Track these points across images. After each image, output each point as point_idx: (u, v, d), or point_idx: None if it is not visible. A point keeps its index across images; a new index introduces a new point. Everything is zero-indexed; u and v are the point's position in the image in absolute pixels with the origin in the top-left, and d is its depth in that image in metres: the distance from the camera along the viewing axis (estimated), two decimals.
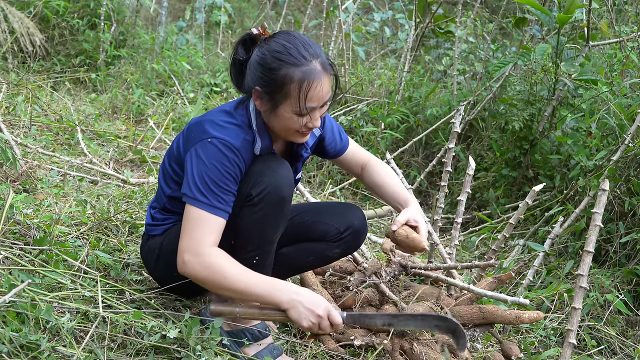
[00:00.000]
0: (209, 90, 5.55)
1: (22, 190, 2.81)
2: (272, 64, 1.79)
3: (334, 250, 2.14)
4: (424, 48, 5.71)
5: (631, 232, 2.80)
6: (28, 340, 1.67)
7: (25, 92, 4.22)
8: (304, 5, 8.78)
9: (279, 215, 1.87)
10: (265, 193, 1.82)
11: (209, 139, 1.82)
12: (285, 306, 1.77)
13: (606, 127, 3.23)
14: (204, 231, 1.79)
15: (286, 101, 1.81)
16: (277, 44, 1.81)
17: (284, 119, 1.84)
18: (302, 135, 1.91)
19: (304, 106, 1.80)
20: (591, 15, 3.47)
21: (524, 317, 2.28)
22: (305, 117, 1.83)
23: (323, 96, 1.83)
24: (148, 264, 2.09)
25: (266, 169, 1.85)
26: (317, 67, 1.80)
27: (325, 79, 1.82)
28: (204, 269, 1.77)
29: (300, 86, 1.78)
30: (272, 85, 1.80)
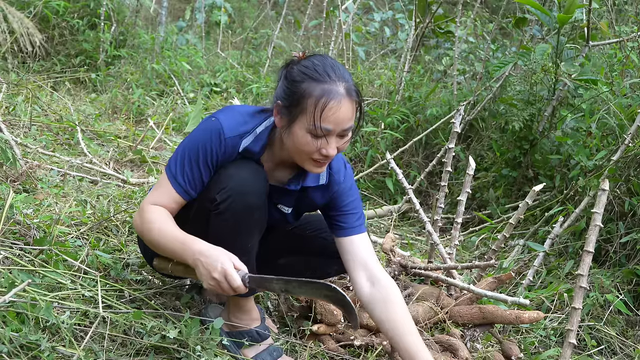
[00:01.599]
0: (209, 90, 5.55)
1: (22, 190, 2.81)
2: (296, 77, 1.76)
3: (331, 267, 2.12)
4: (424, 48, 5.71)
5: (631, 232, 2.80)
6: (28, 340, 1.67)
7: (25, 92, 4.22)
8: (304, 5, 8.78)
9: (249, 223, 1.82)
10: (230, 201, 1.79)
11: (214, 118, 1.85)
12: (191, 265, 1.74)
13: (606, 127, 3.23)
14: (157, 193, 1.85)
15: (302, 117, 1.74)
16: (308, 62, 1.78)
17: (297, 138, 1.77)
18: (316, 164, 1.80)
19: (318, 125, 1.71)
20: (591, 15, 3.47)
21: (524, 317, 2.28)
22: (320, 141, 1.74)
23: (341, 120, 1.74)
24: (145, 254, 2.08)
25: (234, 175, 1.81)
26: (339, 88, 1.73)
27: (347, 103, 1.74)
28: (140, 222, 1.83)
29: (317, 102, 1.71)
30: (291, 97, 1.76)
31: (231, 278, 1.67)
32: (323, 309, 2.19)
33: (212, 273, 1.68)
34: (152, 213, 1.81)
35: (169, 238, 1.77)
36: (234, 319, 2.00)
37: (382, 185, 4.14)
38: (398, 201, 3.98)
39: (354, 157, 4.28)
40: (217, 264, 1.68)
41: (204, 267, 1.69)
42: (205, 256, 1.70)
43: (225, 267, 1.67)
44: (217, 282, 1.68)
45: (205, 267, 1.69)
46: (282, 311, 2.32)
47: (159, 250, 1.83)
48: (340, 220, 1.97)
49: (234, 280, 1.67)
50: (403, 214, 3.87)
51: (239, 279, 1.68)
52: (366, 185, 4.10)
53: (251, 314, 2.00)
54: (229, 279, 1.67)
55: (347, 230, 1.96)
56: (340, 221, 1.97)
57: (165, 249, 1.79)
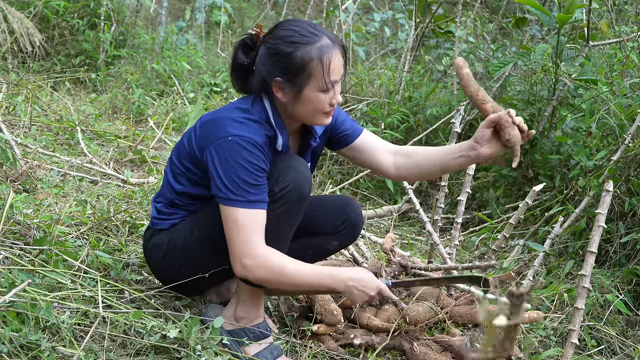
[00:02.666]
0: (209, 90, 5.55)
1: (22, 190, 2.81)
2: (287, 49, 1.80)
3: (331, 242, 2.17)
4: (424, 48, 5.71)
5: (631, 232, 2.81)
6: (28, 340, 1.67)
7: (25, 92, 4.22)
8: (304, 5, 8.78)
9: (297, 212, 1.90)
10: (287, 190, 1.84)
11: (229, 137, 1.80)
12: (342, 291, 1.92)
13: (606, 127, 3.23)
14: (250, 231, 1.80)
15: (310, 81, 1.82)
16: (285, 30, 1.83)
17: (310, 102, 1.84)
18: (328, 115, 1.90)
19: (329, 80, 1.82)
20: (591, 15, 3.47)
21: (524, 317, 2.28)
22: (330, 93, 1.84)
23: (340, 67, 1.85)
24: (152, 260, 2.07)
25: (288, 167, 1.87)
26: (327, 41, 1.83)
27: (338, 51, 1.84)
28: (265, 271, 1.82)
29: (322, 61, 1.80)
30: (292, 69, 1.81)
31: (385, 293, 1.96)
32: (323, 309, 2.19)
33: (369, 293, 1.91)
34: (274, 259, 1.83)
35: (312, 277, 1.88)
36: (240, 313, 2.00)
37: (382, 185, 4.14)
38: (398, 201, 3.99)
39: None
40: (373, 284, 1.93)
41: (359, 290, 1.91)
42: (356, 280, 1.91)
43: (379, 286, 1.94)
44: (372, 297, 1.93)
45: (361, 289, 1.91)
46: (282, 311, 2.32)
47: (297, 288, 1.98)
48: (342, 131, 2.11)
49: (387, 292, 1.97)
50: (403, 214, 3.87)
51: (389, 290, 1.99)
52: (366, 185, 4.10)
53: (259, 310, 2.02)
54: (383, 293, 1.95)
55: (353, 135, 2.12)
56: (345, 131, 2.11)
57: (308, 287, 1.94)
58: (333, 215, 2.14)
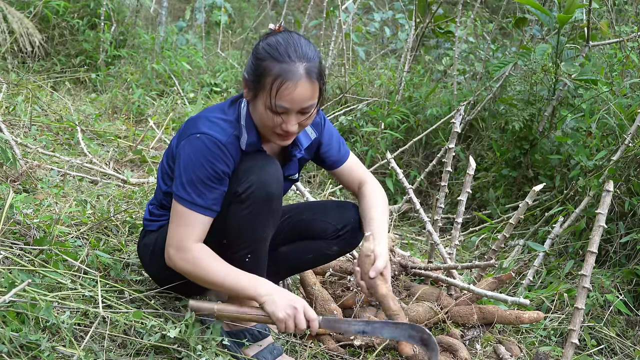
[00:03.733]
0: (209, 90, 5.56)
1: (22, 190, 2.81)
2: (260, 54, 1.82)
3: (332, 248, 2.14)
4: (424, 48, 5.71)
5: (631, 232, 2.80)
6: (28, 340, 1.67)
7: (25, 92, 4.22)
8: (304, 5, 8.78)
9: (267, 212, 1.86)
10: (251, 190, 1.82)
11: (198, 134, 1.83)
12: (263, 299, 1.78)
13: (606, 127, 3.23)
14: (187, 227, 1.82)
15: (261, 94, 1.81)
16: (273, 39, 1.83)
17: (259, 113, 1.84)
18: (280, 137, 1.87)
19: (274, 102, 1.78)
20: (591, 15, 3.47)
21: (524, 317, 2.28)
22: (278, 117, 1.81)
23: (297, 100, 1.78)
24: (143, 260, 2.10)
25: (253, 167, 1.85)
26: (298, 69, 1.77)
27: (305, 84, 1.78)
28: (187, 264, 1.82)
29: (274, 81, 1.77)
30: (254, 74, 1.82)
31: (309, 313, 1.79)
32: (323, 309, 2.19)
33: (292, 304, 1.78)
34: (199, 253, 1.82)
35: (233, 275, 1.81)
36: None
37: (382, 185, 4.13)
38: (398, 201, 3.99)
39: None
40: (298, 298, 1.79)
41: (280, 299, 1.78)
42: (281, 291, 1.80)
43: (304, 303, 1.79)
44: (296, 312, 1.77)
45: (283, 299, 1.78)
46: None
47: (217, 287, 1.85)
48: (327, 154, 2.11)
49: (312, 313, 1.79)
50: (403, 214, 3.87)
51: (314, 314, 1.79)
52: None
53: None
54: (307, 312, 1.79)
55: (336, 162, 2.13)
56: (328, 154, 2.11)
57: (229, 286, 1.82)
58: (334, 220, 2.12)
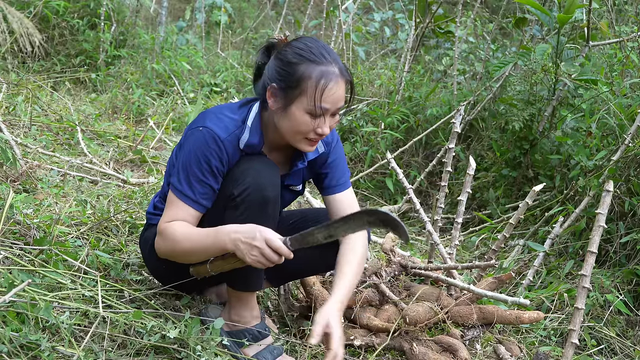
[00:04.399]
0: (209, 90, 5.56)
1: (22, 190, 2.81)
2: (292, 59, 1.80)
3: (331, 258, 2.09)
4: (424, 48, 5.71)
5: (631, 232, 2.80)
6: (28, 340, 1.67)
7: (25, 92, 4.22)
8: (304, 5, 8.78)
9: (262, 216, 1.85)
10: (246, 194, 1.82)
11: (201, 127, 1.85)
12: (231, 248, 1.76)
13: (606, 127, 3.23)
14: (171, 213, 1.86)
15: (300, 98, 1.79)
16: (300, 43, 1.83)
17: (295, 119, 1.81)
18: (310, 143, 1.86)
19: (318, 105, 1.78)
20: (591, 15, 3.46)
21: (524, 317, 2.28)
22: (317, 120, 1.81)
23: (337, 100, 1.81)
24: (143, 253, 2.11)
25: (249, 169, 1.85)
26: (335, 69, 1.80)
27: (342, 83, 1.81)
28: (162, 241, 1.85)
29: (318, 84, 1.77)
30: (288, 80, 1.80)
31: (272, 242, 1.71)
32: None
33: (253, 242, 1.71)
34: (170, 228, 1.83)
35: (199, 238, 1.80)
36: (235, 317, 2.00)
37: (382, 185, 4.14)
38: (398, 201, 3.98)
39: (354, 157, 4.28)
40: (256, 233, 1.72)
41: (243, 242, 1.72)
42: (240, 232, 1.73)
43: (263, 234, 1.71)
44: (260, 250, 1.71)
45: (245, 241, 1.72)
46: (282, 311, 2.32)
47: (193, 255, 1.85)
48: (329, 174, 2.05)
49: (275, 241, 1.71)
50: (403, 214, 3.87)
51: (279, 241, 1.72)
52: (366, 185, 4.10)
53: (253, 311, 2.01)
54: (270, 243, 1.71)
55: (334, 187, 2.06)
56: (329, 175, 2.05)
57: (199, 249, 1.81)
58: None
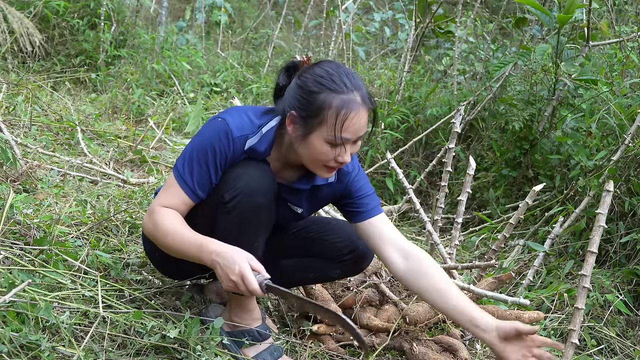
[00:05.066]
0: (209, 90, 5.56)
1: (22, 190, 2.81)
2: (312, 88, 1.76)
3: (334, 270, 2.11)
4: (424, 48, 5.71)
5: (631, 232, 2.80)
6: (28, 340, 1.67)
7: (25, 92, 4.22)
8: (304, 5, 8.78)
9: (255, 222, 1.84)
10: (237, 200, 1.80)
11: (220, 118, 1.84)
12: (209, 266, 1.75)
13: (606, 127, 3.23)
14: (166, 195, 1.84)
15: (320, 128, 1.76)
16: (321, 70, 1.78)
17: (314, 148, 1.78)
18: (329, 170, 1.83)
19: (339, 136, 1.74)
20: (591, 15, 3.46)
21: (524, 317, 2.28)
22: (338, 149, 1.77)
23: (359, 129, 1.78)
24: (145, 246, 2.09)
25: (243, 174, 1.82)
26: (357, 98, 1.75)
27: (364, 112, 1.77)
28: (151, 226, 1.82)
29: (338, 114, 1.73)
30: (308, 109, 1.76)
31: (248, 281, 1.68)
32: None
33: (229, 275, 1.68)
34: (162, 216, 1.81)
35: (184, 241, 1.77)
36: (235, 318, 2.00)
37: (382, 185, 4.14)
38: (398, 201, 3.98)
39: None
40: (235, 266, 1.68)
41: (221, 269, 1.70)
42: (222, 257, 1.70)
43: (242, 270, 1.68)
44: (235, 284, 1.69)
45: (223, 269, 1.69)
46: (282, 311, 2.32)
47: (173, 253, 1.83)
48: (357, 206, 1.99)
49: (251, 284, 1.68)
50: (403, 214, 3.87)
51: (255, 282, 1.68)
52: None
53: (253, 314, 2.00)
54: (246, 282, 1.68)
55: (366, 214, 1.98)
56: (358, 207, 1.99)
57: (180, 252, 1.79)
58: (341, 243, 2.06)
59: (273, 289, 1.72)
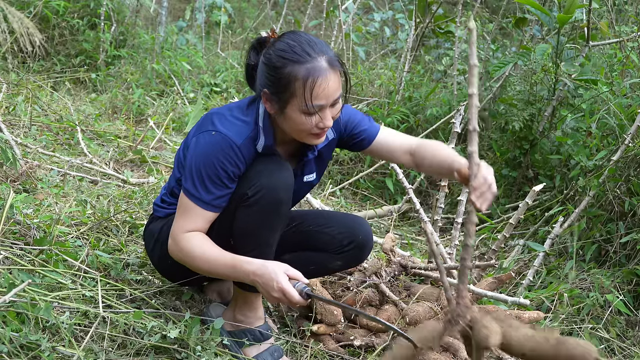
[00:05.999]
0: (209, 90, 5.55)
1: (22, 190, 2.81)
2: (277, 63, 1.77)
3: (335, 262, 2.12)
4: (424, 48, 5.71)
5: (631, 232, 2.80)
6: (28, 340, 1.67)
7: (25, 92, 4.22)
8: (304, 5, 8.78)
9: (274, 217, 1.86)
10: (260, 195, 1.82)
11: (214, 132, 1.83)
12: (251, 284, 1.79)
13: (606, 127, 3.23)
14: (187, 219, 1.84)
15: (293, 100, 1.77)
16: (282, 44, 1.79)
17: (293, 121, 1.80)
18: (316, 137, 1.86)
19: (310, 105, 1.76)
20: (591, 15, 3.46)
21: (524, 317, 2.28)
22: (315, 117, 1.79)
23: (330, 93, 1.78)
24: (147, 246, 2.10)
25: (264, 170, 1.84)
26: (322, 63, 1.76)
27: (332, 75, 1.78)
28: (178, 251, 1.84)
29: (305, 83, 1.74)
30: (277, 84, 1.78)
31: (289, 295, 1.72)
32: (323, 309, 2.19)
33: (271, 292, 1.73)
34: (188, 241, 1.82)
35: (218, 264, 1.80)
36: (239, 316, 2.00)
37: (382, 185, 4.14)
38: (398, 201, 3.98)
39: (354, 157, 4.28)
40: (273, 283, 1.72)
41: (262, 288, 1.75)
42: (260, 276, 1.74)
43: (280, 285, 1.72)
44: (278, 299, 1.74)
45: (264, 287, 1.74)
46: (282, 311, 2.32)
47: (208, 274, 1.88)
48: (358, 136, 2.08)
49: (293, 297, 1.72)
50: (403, 214, 3.87)
51: (296, 294, 1.72)
52: (366, 185, 4.10)
53: (257, 312, 2.01)
54: (287, 295, 1.72)
55: (368, 138, 2.09)
56: (358, 137, 2.08)
57: (215, 274, 1.85)
58: (340, 234, 2.08)
59: (313, 296, 1.76)
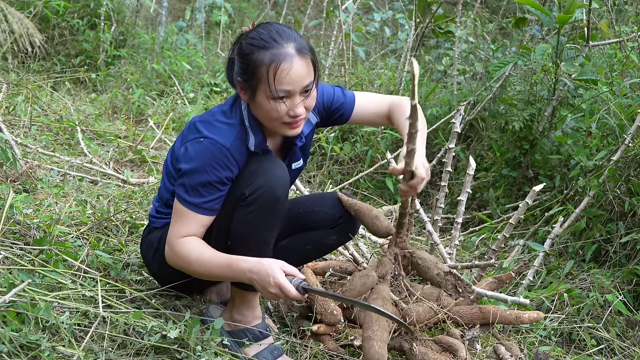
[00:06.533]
0: (209, 90, 5.55)
1: (22, 190, 2.81)
2: (246, 50, 1.82)
3: (331, 237, 2.15)
4: (424, 48, 5.71)
5: (631, 232, 2.80)
6: (28, 340, 1.67)
7: (25, 92, 4.22)
8: (304, 5, 8.78)
9: (272, 215, 1.87)
10: (258, 193, 1.83)
11: (201, 138, 1.84)
12: (248, 284, 1.80)
13: (606, 127, 3.23)
14: (181, 225, 1.85)
15: (260, 86, 1.80)
16: (254, 33, 1.84)
17: (262, 107, 1.83)
18: (290, 126, 1.86)
19: (274, 89, 1.78)
20: (591, 15, 3.46)
21: (524, 317, 2.28)
22: (283, 104, 1.80)
23: (296, 79, 1.79)
24: (146, 257, 2.11)
25: (259, 169, 1.85)
26: (288, 50, 1.79)
27: (298, 61, 1.79)
28: (174, 257, 1.86)
29: (269, 68, 1.77)
30: (247, 71, 1.82)
31: (286, 290, 1.73)
32: (323, 308, 2.19)
33: (268, 288, 1.74)
34: (184, 246, 1.84)
35: (214, 266, 1.81)
36: (237, 316, 2.00)
37: (382, 185, 4.14)
38: (398, 201, 3.98)
39: (354, 157, 4.28)
40: (270, 279, 1.73)
41: (259, 284, 1.76)
42: (256, 273, 1.75)
43: (277, 280, 1.73)
44: (275, 295, 1.75)
45: (260, 284, 1.75)
46: (282, 311, 2.32)
47: (204, 278, 1.89)
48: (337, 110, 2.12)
49: (289, 292, 1.73)
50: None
51: (293, 289, 1.73)
52: (366, 185, 4.10)
53: (255, 311, 2.01)
54: (284, 291, 1.73)
55: (348, 109, 2.13)
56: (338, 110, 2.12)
57: (212, 276, 1.86)
58: (331, 210, 2.13)
59: (309, 290, 1.77)
